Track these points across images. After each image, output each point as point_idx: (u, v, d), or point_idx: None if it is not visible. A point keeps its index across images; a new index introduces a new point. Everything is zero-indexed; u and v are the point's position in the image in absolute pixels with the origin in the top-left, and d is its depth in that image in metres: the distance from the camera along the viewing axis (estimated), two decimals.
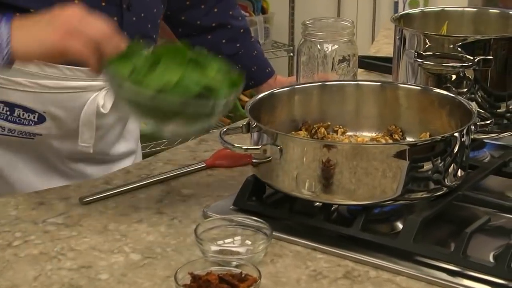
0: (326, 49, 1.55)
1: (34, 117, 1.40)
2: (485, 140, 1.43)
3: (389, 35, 1.63)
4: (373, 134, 1.35)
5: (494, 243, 1.13)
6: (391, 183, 1.11)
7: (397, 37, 1.44)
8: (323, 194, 1.13)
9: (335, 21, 1.60)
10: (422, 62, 1.35)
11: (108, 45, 1.15)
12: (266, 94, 1.31)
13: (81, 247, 1.13)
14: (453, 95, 1.28)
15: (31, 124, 1.40)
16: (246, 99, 2.96)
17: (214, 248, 1.07)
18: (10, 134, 1.40)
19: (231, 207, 1.23)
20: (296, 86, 1.36)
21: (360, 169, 1.10)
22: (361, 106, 1.37)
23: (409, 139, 1.33)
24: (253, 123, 1.19)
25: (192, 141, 1.54)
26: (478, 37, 1.35)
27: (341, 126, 1.37)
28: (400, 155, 1.10)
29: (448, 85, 1.37)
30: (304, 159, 1.12)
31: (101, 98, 1.43)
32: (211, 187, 1.33)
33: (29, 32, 1.17)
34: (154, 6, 1.50)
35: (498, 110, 1.39)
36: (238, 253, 1.08)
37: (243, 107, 3.18)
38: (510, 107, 1.39)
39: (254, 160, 1.20)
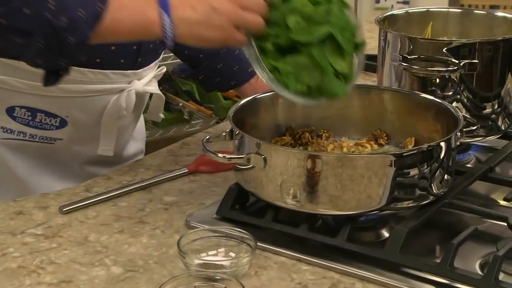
0: None
1: (56, 121, 1.39)
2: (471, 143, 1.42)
3: (372, 29, 1.61)
4: (358, 139, 1.34)
5: (480, 251, 1.12)
6: (376, 193, 1.09)
7: (382, 38, 1.42)
8: (308, 204, 1.11)
9: None
10: (407, 66, 1.33)
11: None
12: (248, 100, 1.28)
13: (61, 260, 1.11)
14: (440, 101, 1.26)
15: (52, 129, 1.39)
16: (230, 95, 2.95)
17: (197, 261, 1.05)
18: (32, 139, 1.39)
19: (214, 216, 1.21)
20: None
21: (345, 180, 1.08)
22: (346, 111, 1.35)
23: (394, 144, 1.31)
24: (236, 130, 1.17)
25: (175, 144, 1.51)
26: (464, 41, 1.34)
27: (325, 131, 1.35)
28: (385, 165, 1.08)
29: (434, 88, 1.35)
30: (289, 169, 1.10)
31: (123, 101, 1.42)
32: (193, 194, 1.31)
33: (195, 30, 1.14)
34: None
35: (484, 112, 1.37)
36: (222, 266, 1.05)
37: (225, 98, 3.16)
38: (496, 108, 1.37)
39: (237, 167, 1.18)
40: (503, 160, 1.33)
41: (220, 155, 1.15)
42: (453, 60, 1.32)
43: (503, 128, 1.41)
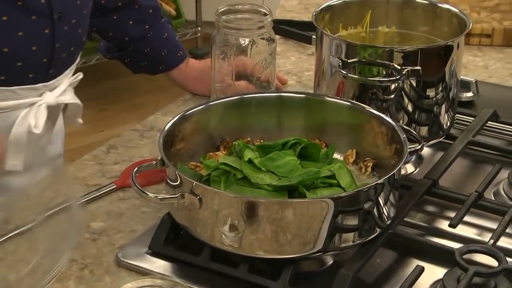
0: (243, 42, 1.44)
1: None
2: None
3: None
4: None
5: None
6: (318, 235, 1.02)
7: (319, 38, 1.33)
8: (246, 247, 1.04)
9: (250, 7, 1.48)
10: (346, 74, 1.25)
11: None
12: (177, 119, 1.19)
13: None
14: (385, 117, 1.19)
15: None
16: None
17: None
18: None
19: (146, 251, 1.13)
20: (210, 103, 1.25)
21: (284, 223, 1.01)
22: (283, 119, 1.27)
23: (335, 154, 1.24)
24: (167, 164, 1.08)
25: (101, 149, 1.41)
26: (407, 48, 1.26)
27: (261, 141, 1.27)
28: (324, 209, 1.01)
29: (375, 92, 1.29)
30: (224, 212, 1.03)
31: (32, 118, 1.31)
32: (123, 217, 1.22)
33: None
34: (84, 7, 1.36)
35: (427, 115, 1.32)
36: None
37: None
38: (435, 110, 1.32)
39: None
40: (446, 169, 1.28)
41: (151, 195, 1.07)
42: (395, 65, 1.25)
43: (446, 127, 1.35)
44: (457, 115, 1.42)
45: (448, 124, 1.37)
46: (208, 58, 1.52)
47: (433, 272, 1.10)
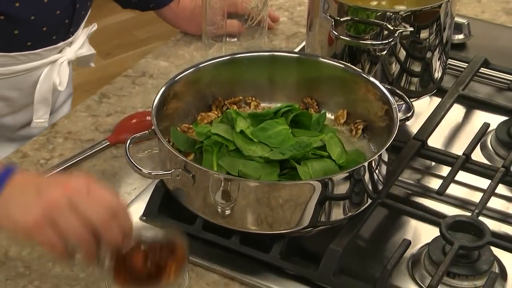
0: None
1: None
2: None
3: None
4: None
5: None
6: (307, 213, 1.04)
7: None
8: (238, 222, 1.07)
9: None
10: (338, 35, 1.25)
11: (108, 233, 0.94)
12: (166, 88, 1.18)
13: None
14: (377, 83, 1.19)
15: None
16: None
17: None
18: None
19: (140, 217, 1.16)
20: (201, 64, 1.24)
21: (274, 203, 1.03)
22: (275, 77, 1.28)
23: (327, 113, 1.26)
24: (162, 141, 1.09)
25: (93, 98, 1.42)
26: (402, 10, 1.25)
27: (253, 98, 1.28)
28: (312, 191, 1.03)
29: (367, 53, 1.28)
30: (216, 191, 1.05)
31: (56, 76, 1.37)
32: (117, 177, 1.24)
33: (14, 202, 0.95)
34: None
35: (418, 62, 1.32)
36: None
37: None
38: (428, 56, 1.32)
39: None
40: (435, 128, 1.30)
41: (145, 170, 1.08)
42: (388, 26, 1.25)
43: (437, 78, 1.36)
44: (449, 60, 1.41)
45: (440, 73, 1.36)
46: None
47: (427, 232, 1.14)
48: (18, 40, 1.31)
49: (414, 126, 1.32)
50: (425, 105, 1.39)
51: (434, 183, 1.25)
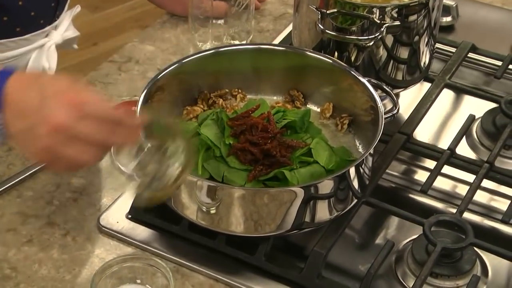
0: None
1: None
2: None
3: None
4: (274, 98, 1.28)
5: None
6: (291, 217, 1.05)
7: None
8: (223, 224, 1.07)
9: None
10: (324, 29, 1.24)
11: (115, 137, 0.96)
12: (151, 82, 1.17)
13: None
14: (364, 81, 1.18)
15: None
16: None
17: None
18: None
19: (126, 215, 1.16)
20: (186, 59, 1.23)
21: (259, 208, 1.03)
22: (262, 70, 1.27)
23: (311, 105, 1.26)
24: (146, 142, 1.09)
25: None
26: (390, 4, 1.24)
27: (240, 91, 1.28)
28: (298, 196, 1.03)
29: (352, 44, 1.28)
30: (200, 195, 1.05)
31: (45, 60, 1.39)
32: (102, 173, 1.24)
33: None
34: None
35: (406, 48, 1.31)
36: None
37: None
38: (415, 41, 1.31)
39: None
40: (420, 121, 1.30)
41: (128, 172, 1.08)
42: (375, 19, 1.24)
43: (425, 66, 1.35)
44: (437, 44, 1.41)
45: (428, 58, 1.35)
46: None
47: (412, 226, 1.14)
48: (7, 27, 1.33)
49: (400, 117, 1.32)
50: (412, 94, 1.39)
51: (420, 176, 1.26)
